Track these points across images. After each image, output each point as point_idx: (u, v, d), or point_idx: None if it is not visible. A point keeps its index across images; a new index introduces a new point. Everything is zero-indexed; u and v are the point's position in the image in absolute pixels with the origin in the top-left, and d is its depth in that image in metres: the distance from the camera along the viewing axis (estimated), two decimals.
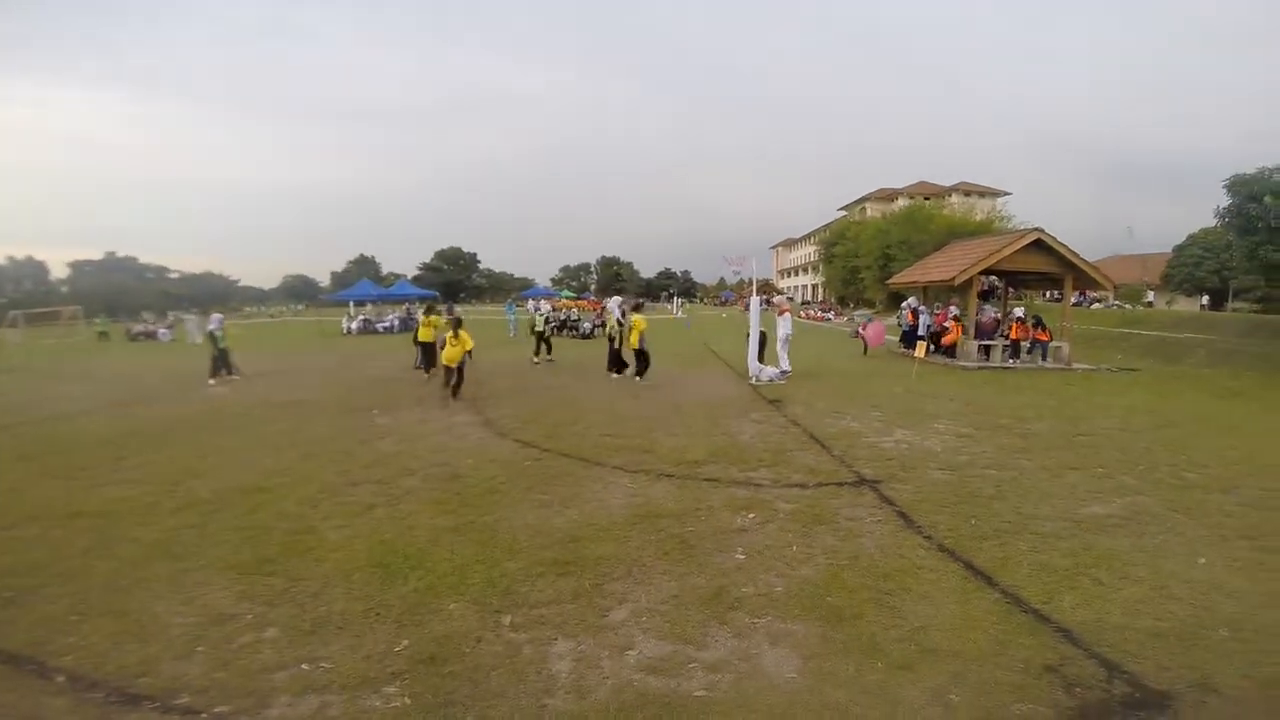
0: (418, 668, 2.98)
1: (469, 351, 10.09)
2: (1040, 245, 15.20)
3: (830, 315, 40.67)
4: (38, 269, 66.34)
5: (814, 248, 72.47)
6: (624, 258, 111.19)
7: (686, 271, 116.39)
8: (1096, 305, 36.33)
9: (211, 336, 12.95)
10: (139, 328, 31.75)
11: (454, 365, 10.05)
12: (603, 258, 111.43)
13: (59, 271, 67.86)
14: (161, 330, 30.08)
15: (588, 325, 24.39)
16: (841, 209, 75.41)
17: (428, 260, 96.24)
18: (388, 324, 30.10)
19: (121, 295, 59.59)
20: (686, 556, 4.20)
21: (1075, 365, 15.04)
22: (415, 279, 78.77)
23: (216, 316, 13.36)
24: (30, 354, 21.59)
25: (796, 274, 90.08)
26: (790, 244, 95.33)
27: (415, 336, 14.00)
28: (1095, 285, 16.79)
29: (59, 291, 61.80)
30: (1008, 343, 15.47)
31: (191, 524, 4.89)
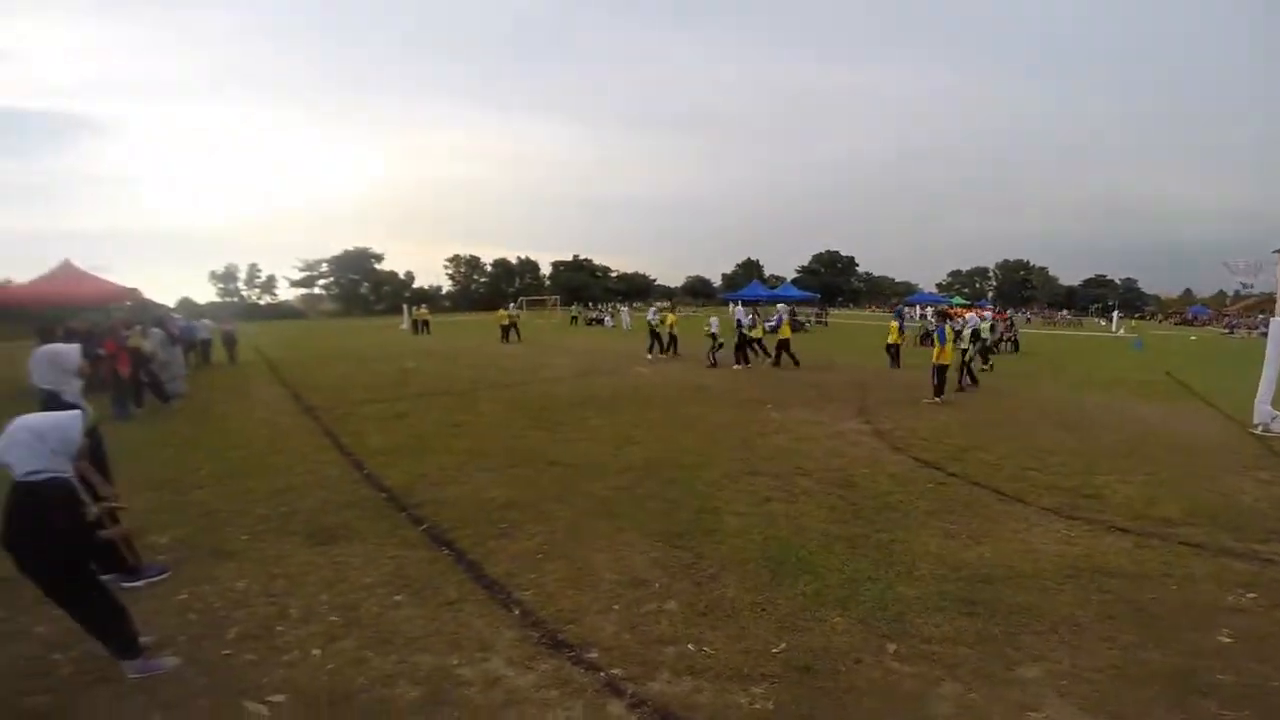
0: (790, 674, 2.95)
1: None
2: None
3: None
4: (533, 266, 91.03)
5: None
6: (1034, 262, 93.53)
7: (1129, 279, 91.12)
8: None
9: (651, 324, 17.31)
10: (592, 315, 40.95)
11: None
12: (1004, 261, 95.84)
13: (545, 269, 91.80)
14: (606, 317, 38.22)
15: (987, 337, 21.18)
16: None
17: (805, 264, 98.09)
18: (773, 323, 31.70)
19: (582, 288, 77.56)
20: (1141, 626, 3.40)
21: None
22: (794, 281, 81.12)
23: (655, 306, 17.02)
24: (531, 330, 29.90)
25: None
26: None
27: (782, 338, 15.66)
28: None
29: (545, 284, 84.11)
30: None
31: (626, 486, 5.81)
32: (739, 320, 15.77)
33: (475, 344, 23.01)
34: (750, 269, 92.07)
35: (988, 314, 18.61)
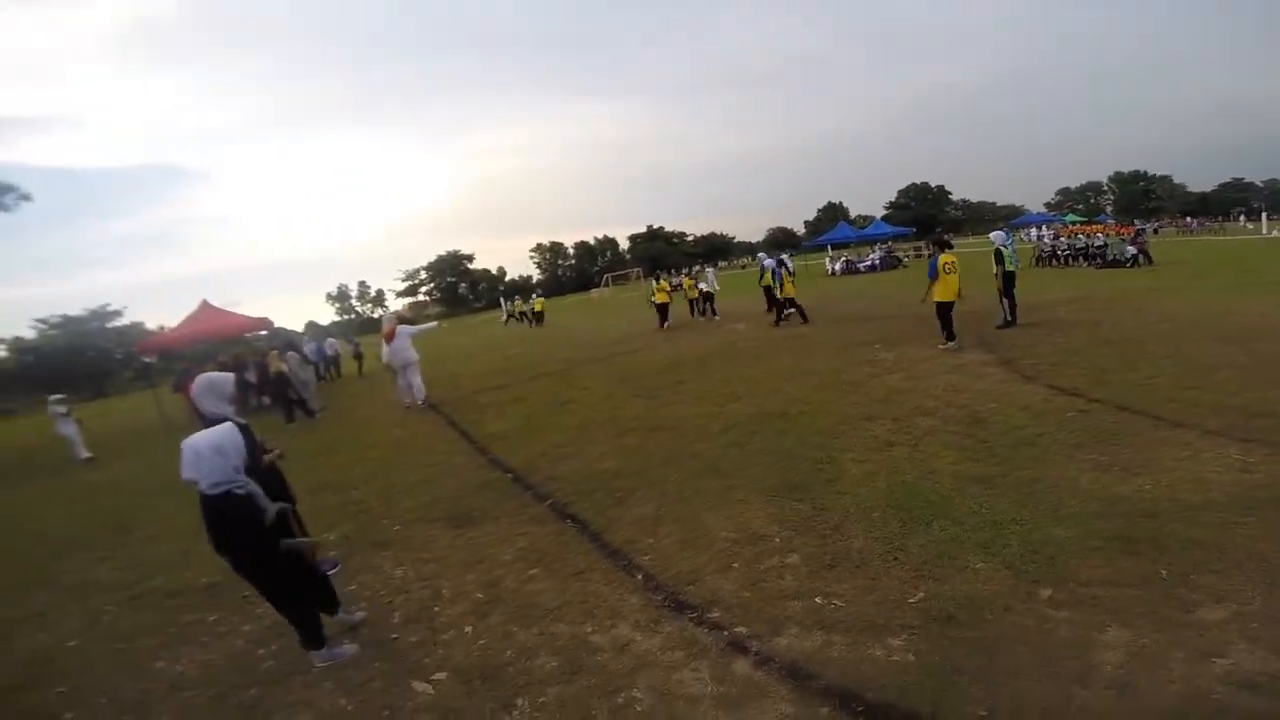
0: (930, 624, 2.79)
1: None
2: None
3: None
4: (612, 244, 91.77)
5: None
6: (1154, 171, 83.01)
7: (1273, 179, 78.54)
8: None
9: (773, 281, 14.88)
10: (673, 281, 40.98)
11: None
12: (1118, 174, 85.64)
13: (623, 244, 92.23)
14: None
15: (1131, 250, 18.89)
16: None
17: (892, 199, 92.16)
18: (869, 263, 30.16)
19: (659, 257, 77.54)
20: None
21: None
22: (884, 218, 76.66)
23: (769, 259, 15.55)
24: (614, 305, 30.25)
25: None
26: None
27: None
28: None
29: (625, 258, 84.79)
30: None
31: (734, 443, 5.75)
32: (767, 270, 14.89)
33: (570, 323, 23.65)
34: (834, 212, 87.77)
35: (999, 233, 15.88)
